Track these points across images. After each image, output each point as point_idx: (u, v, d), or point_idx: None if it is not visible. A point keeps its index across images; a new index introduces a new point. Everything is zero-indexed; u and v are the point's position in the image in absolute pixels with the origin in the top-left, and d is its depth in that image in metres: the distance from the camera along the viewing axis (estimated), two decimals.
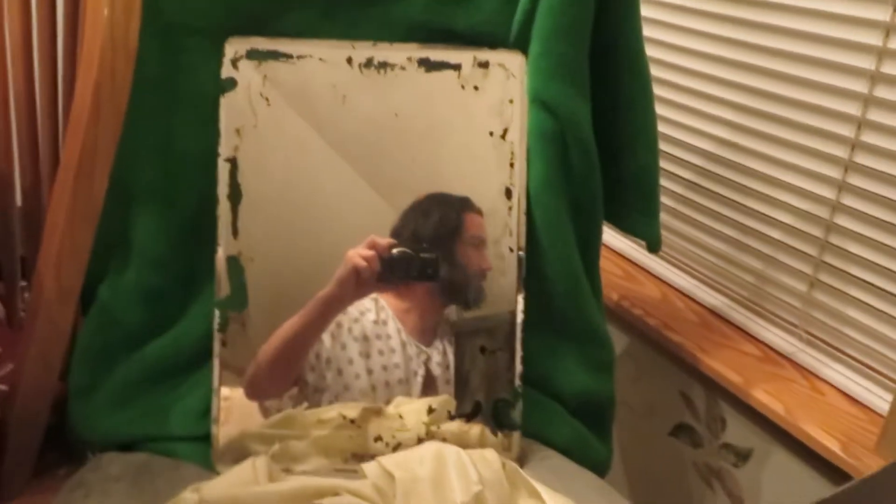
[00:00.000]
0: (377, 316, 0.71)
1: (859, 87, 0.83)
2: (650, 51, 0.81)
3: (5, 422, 0.67)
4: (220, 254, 0.70)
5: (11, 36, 0.74)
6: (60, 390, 0.71)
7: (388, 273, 0.71)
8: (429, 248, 0.71)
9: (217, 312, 0.70)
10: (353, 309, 0.71)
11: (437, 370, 0.72)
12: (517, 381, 0.73)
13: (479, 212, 0.73)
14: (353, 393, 0.71)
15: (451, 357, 0.72)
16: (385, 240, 0.71)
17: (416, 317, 0.72)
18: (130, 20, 0.57)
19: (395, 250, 0.71)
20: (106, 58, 0.56)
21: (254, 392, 0.70)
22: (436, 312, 0.72)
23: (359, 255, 0.70)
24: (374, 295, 0.71)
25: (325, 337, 0.70)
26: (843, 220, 0.87)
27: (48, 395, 0.66)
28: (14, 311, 0.88)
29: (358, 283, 0.70)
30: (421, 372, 0.72)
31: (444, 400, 0.73)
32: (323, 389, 0.70)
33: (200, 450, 0.69)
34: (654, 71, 0.83)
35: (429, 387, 0.72)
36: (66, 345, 0.66)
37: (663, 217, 0.87)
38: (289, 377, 0.70)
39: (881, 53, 0.81)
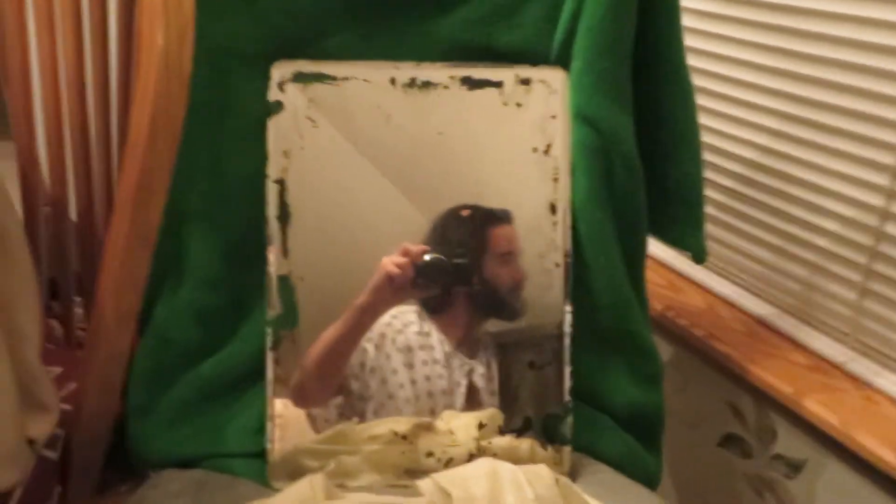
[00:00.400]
0: (420, 328, 0.72)
1: None
2: (691, 60, 0.81)
3: (70, 441, 0.69)
4: (272, 273, 0.72)
5: (66, 60, 0.77)
6: (119, 410, 0.73)
7: (421, 279, 0.72)
8: (462, 253, 0.72)
9: (269, 331, 0.71)
10: (397, 321, 0.72)
11: (480, 382, 0.73)
12: (566, 396, 0.74)
13: (508, 222, 0.73)
14: (398, 402, 0.72)
15: (495, 370, 0.73)
16: (418, 247, 0.72)
17: (458, 330, 0.73)
18: (184, 48, 0.59)
19: (427, 256, 0.72)
20: (161, 86, 0.58)
21: (300, 399, 0.71)
22: (477, 325, 0.73)
23: (392, 262, 0.71)
24: (417, 308, 0.72)
25: (370, 347, 0.71)
26: (892, 228, 0.86)
27: (110, 416, 0.68)
28: (70, 329, 0.91)
29: (392, 290, 0.71)
30: (464, 383, 0.72)
31: (493, 414, 0.73)
32: (367, 398, 0.71)
33: (256, 466, 0.71)
34: (696, 80, 0.83)
35: (472, 398, 0.73)
36: (126, 367, 0.68)
37: (707, 226, 0.87)
38: (332, 384, 0.71)
39: None
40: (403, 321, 0.72)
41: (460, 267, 0.72)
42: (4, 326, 0.60)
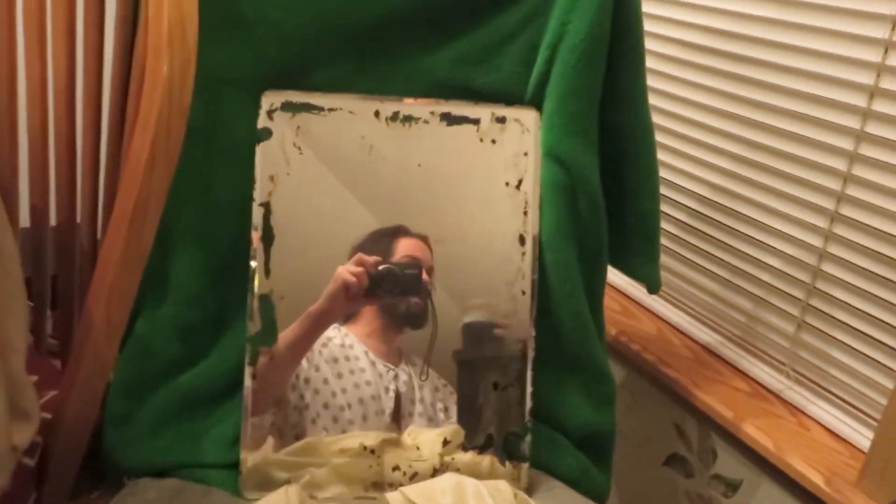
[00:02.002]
0: (342, 341, 0.76)
1: (846, 144, 0.90)
2: (651, 99, 0.87)
3: (48, 448, 0.71)
4: (254, 292, 0.75)
5: (56, 76, 0.79)
6: (97, 418, 0.75)
7: (375, 288, 0.76)
8: (412, 265, 0.77)
9: (248, 347, 0.75)
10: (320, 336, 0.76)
11: (403, 388, 0.77)
12: (527, 416, 0.78)
13: (417, 237, 0.77)
14: (333, 410, 0.75)
15: (416, 377, 0.77)
16: (372, 257, 0.76)
17: (377, 340, 0.77)
18: (186, 77, 0.62)
19: (381, 266, 0.76)
20: (163, 114, 0.61)
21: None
22: (395, 335, 0.77)
23: (348, 271, 0.75)
24: (335, 324, 0.76)
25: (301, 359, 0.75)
26: (829, 268, 0.93)
27: (91, 424, 0.70)
28: (43, 337, 0.92)
29: (347, 298, 0.75)
30: (392, 388, 0.77)
31: (456, 430, 0.78)
32: (303, 408, 0.75)
33: (230, 477, 0.74)
34: (656, 119, 0.89)
35: (399, 403, 0.77)
36: (109, 376, 0.70)
37: (660, 256, 0.93)
38: (277, 391, 0.74)
39: (866, 114, 0.87)
40: (326, 335, 0.76)
41: (410, 277, 0.77)
42: None
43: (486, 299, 0.78)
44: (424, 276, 0.76)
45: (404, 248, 0.76)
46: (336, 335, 0.76)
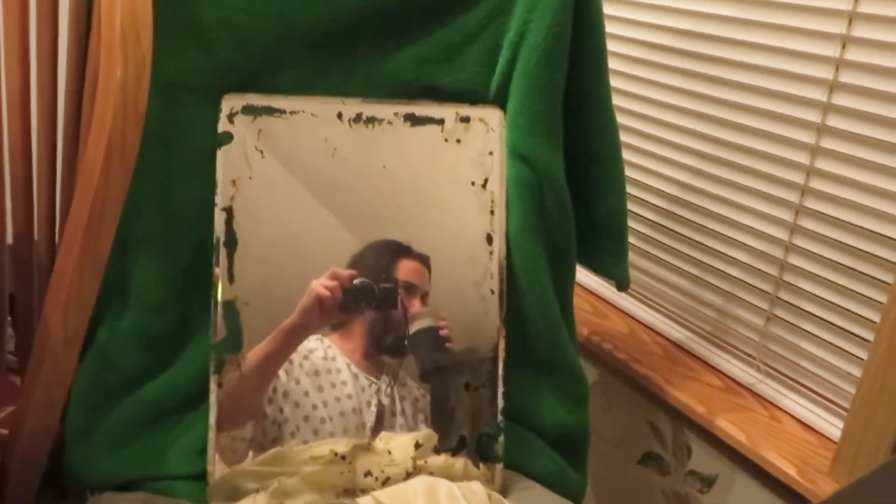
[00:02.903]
0: (325, 353, 0.75)
1: (808, 138, 0.90)
2: (616, 100, 0.88)
3: (6, 465, 0.69)
4: (217, 298, 0.73)
5: (9, 85, 0.77)
6: (57, 433, 0.73)
7: (349, 302, 0.75)
8: (387, 278, 0.76)
9: (213, 355, 0.73)
10: (301, 348, 0.75)
11: (386, 400, 0.76)
12: (500, 416, 0.78)
13: (418, 259, 0.77)
14: (314, 423, 0.74)
15: (396, 391, 0.76)
16: (346, 271, 0.75)
17: (360, 355, 0.76)
18: (141, 82, 0.61)
19: (355, 280, 0.75)
20: (118, 117, 0.60)
21: (222, 421, 0.73)
22: (377, 351, 0.77)
23: (322, 284, 0.74)
24: (317, 336, 0.75)
25: (280, 372, 0.74)
26: (795, 260, 0.94)
27: (50, 438, 0.68)
28: (1, 353, 0.89)
29: (321, 312, 0.75)
30: (374, 401, 0.76)
31: (428, 434, 0.77)
32: (282, 422, 0.74)
33: (198, 488, 0.72)
34: (621, 119, 0.89)
35: (381, 415, 0.76)
36: (68, 388, 0.68)
37: (629, 255, 0.93)
38: (252, 405, 0.73)
39: (826, 108, 0.88)
40: (308, 347, 0.75)
41: (386, 291, 0.76)
42: None
43: (430, 306, 0.77)
44: (417, 301, 0.75)
45: (403, 272, 0.76)
46: (318, 347, 0.75)
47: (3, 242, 0.85)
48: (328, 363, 0.75)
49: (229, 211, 0.74)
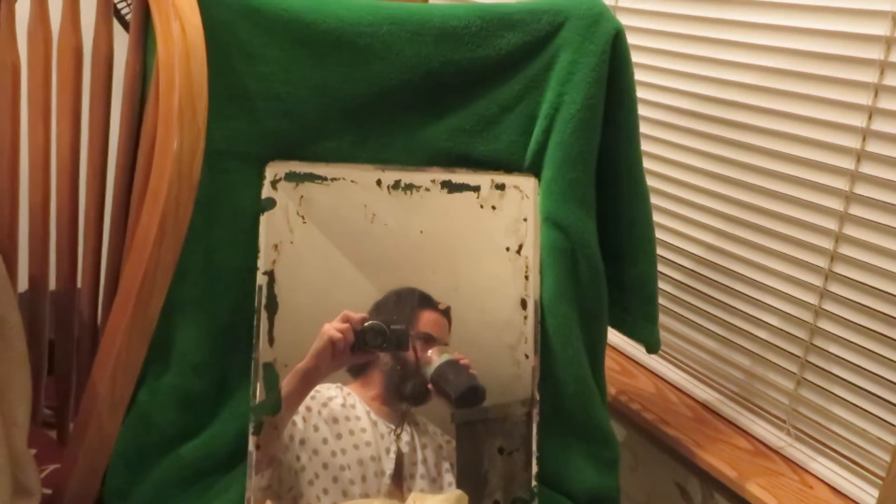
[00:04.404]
0: (344, 401, 0.76)
1: (836, 204, 0.92)
2: (646, 163, 0.89)
3: None
4: (258, 361, 0.75)
5: (59, 149, 0.80)
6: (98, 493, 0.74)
7: (361, 344, 0.76)
8: (399, 320, 0.77)
9: (252, 416, 0.74)
10: (320, 395, 0.76)
11: (406, 448, 0.77)
12: (534, 482, 0.78)
13: (439, 310, 0.78)
14: (332, 470, 0.75)
15: (417, 438, 0.77)
16: (358, 314, 0.76)
17: (379, 402, 0.77)
18: (196, 152, 0.63)
19: (367, 323, 0.76)
20: (173, 189, 0.62)
21: None
22: (397, 399, 0.77)
23: (334, 327, 0.76)
24: (337, 384, 0.76)
25: (297, 419, 0.75)
26: (825, 324, 0.94)
27: (91, 500, 0.69)
28: (38, 407, 0.91)
29: (333, 355, 0.76)
30: (393, 449, 0.76)
31: (460, 497, 0.77)
32: (299, 470, 0.74)
33: None
34: (651, 182, 0.91)
35: (401, 462, 0.76)
36: (111, 450, 0.69)
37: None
38: (268, 451, 0.74)
39: (854, 176, 0.90)
40: (327, 395, 0.76)
41: (397, 332, 0.77)
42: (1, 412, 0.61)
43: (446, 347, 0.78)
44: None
45: (424, 324, 0.77)
46: (338, 395, 0.76)
47: (46, 290, 0.87)
48: (347, 410, 0.76)
49: (271, 275, 0.76)
